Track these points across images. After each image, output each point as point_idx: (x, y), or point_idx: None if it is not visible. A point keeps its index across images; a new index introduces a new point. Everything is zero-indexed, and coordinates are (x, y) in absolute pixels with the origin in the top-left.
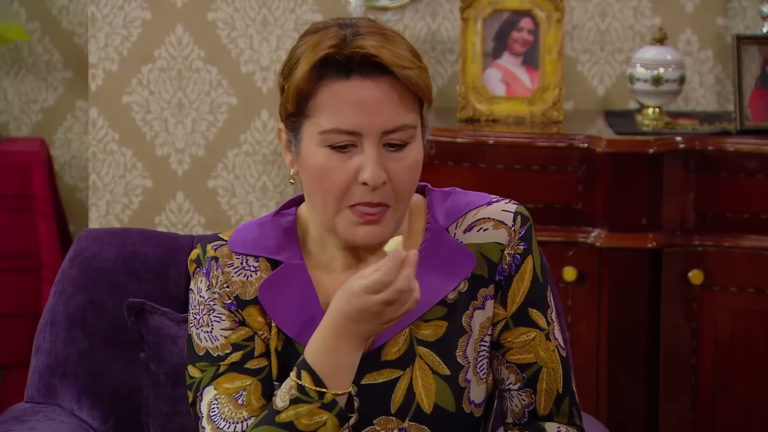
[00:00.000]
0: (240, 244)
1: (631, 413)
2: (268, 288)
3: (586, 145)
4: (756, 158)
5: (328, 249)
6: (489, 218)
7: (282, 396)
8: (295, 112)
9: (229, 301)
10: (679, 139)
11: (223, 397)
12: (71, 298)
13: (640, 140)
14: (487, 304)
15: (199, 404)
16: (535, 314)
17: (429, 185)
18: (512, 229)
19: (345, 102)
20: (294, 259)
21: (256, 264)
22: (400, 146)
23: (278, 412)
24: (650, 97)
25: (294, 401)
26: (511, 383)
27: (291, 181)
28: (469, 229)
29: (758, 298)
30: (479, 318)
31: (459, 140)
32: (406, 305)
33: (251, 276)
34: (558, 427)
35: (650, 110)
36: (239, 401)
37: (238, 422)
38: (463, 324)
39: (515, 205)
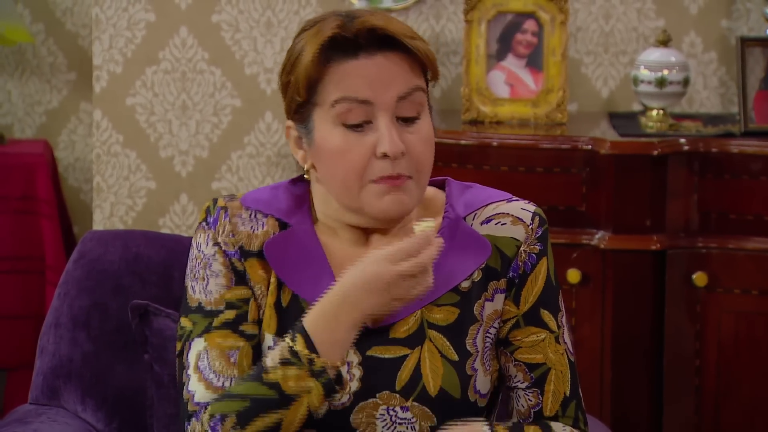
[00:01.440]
0: (252, 200)
1: (635, 415)
2: (274, 245)
3: (590, 147)
4: (760, 160)
5: (339, 236)
6: (508, 214)
7: (273, 356)
8: (304, 101)
9: (233, 250)
10: (683, 141)
11: (214, 350)
12: (75, 299)
13: (644, 142)
14: (496, 297)
15: (187, 354)
16: (546, 315)
17: (449, 178)
18: (530, 227)
19: (355, 78)
20: (304, 223)
21: (264, 219)
22: (412, 120)
23: (266, 371)
24: (654, 99)
25: (284, 362)
26: (518, 381)
27: (305, 176)
28: (487, 221)
29: (762, 301)
30: (488, 309)
31: (463, 142)
32: (418, 287)
33: (258, 229)
34: (564, 427)
35: (654, 112)
36: (231, 359)
37: (227, 378)
38: (475, 313)
39: (534, 206)
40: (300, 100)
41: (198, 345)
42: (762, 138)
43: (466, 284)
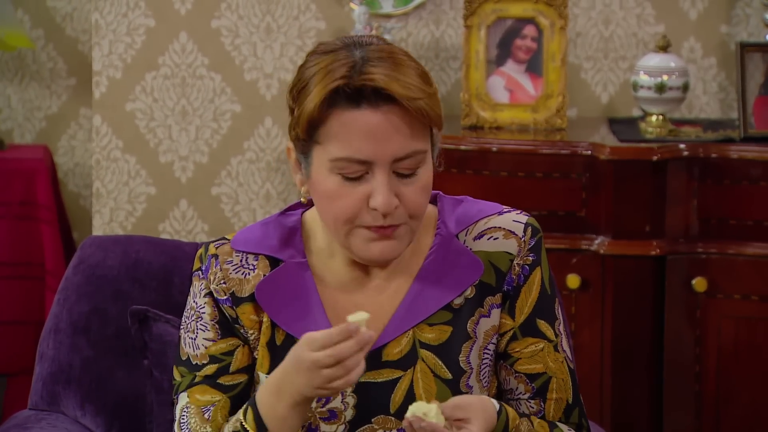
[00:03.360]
0: (242, 242)
1: (636, 421)
2: (265, 286)
3: (589, 152)
4: (759, 165)
5: (335, 260)
6: (500, 227)
7: (229, 425)
8: (305, 138)
9: (224, 297)
10: (682, 146)
11: (192, 407)
12: (75, 305)
13: (643, 147)
14: (493, 312)
15: (175, 406)
16: (543, 325)
17: (441, 193)
18: (522, 239)
19: (355, 131)
20: (296, 257)
21: (255, 262)
22: (410, 173)
23: None
24: (654, 104)
25: None
26: (520, 393)
27: (302, 199)
28: (479, 236)
29: (762, 306)
30: (484, 325)
31: (462, 147)
32: (337, 382)
33: (248, 274)
34: (570, 429)
35: (654, 117)
36: (206, 415)
37: None
38: (468, 330)
39: (526, 216)
40: (301, 137)
41: (183, 400)
42: (762, 143)
43: (458, 301)
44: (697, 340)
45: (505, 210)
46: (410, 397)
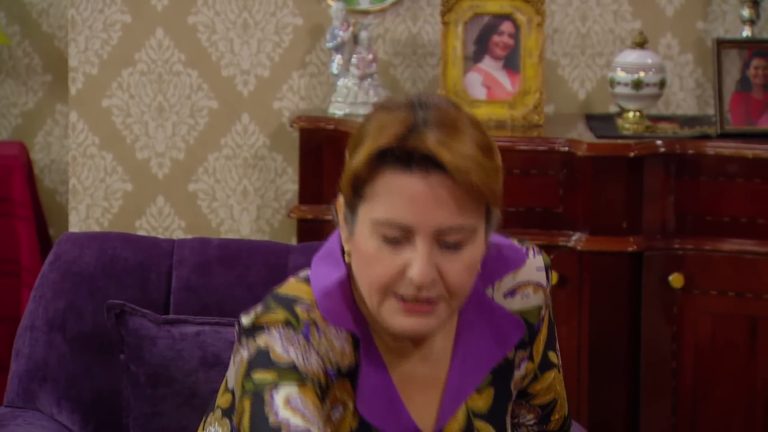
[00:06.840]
0: (333, 314)
1: (612, 417)
2: (363, 397)
3: (566, 148)
4: (736, 162)
5: (383, 333)
6: (529, 282)
7: None
8: (351, 193)
9: (332, 370)
10: (659, 142)
11: (309, 399)
12: (51, 302)
13: (620, 144)
14: (522, 365)
15: (273, 396)
16: (552, 355)
17: None
18: (547, 289)
19: (401, 195)
20: (366, 340)
21: (341, 335)
22: (455, 246)
23: None
24: (631, 100)
25: None
26: (526, 420)
27: (346, 258)
28: (511, 294)
29: (738, 302)
30: (516, 378)
31: None
32: None
33: (345, 347)
34: None
35: (631, 114)
36: (322, 414)
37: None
38: (510, 388)
39: (541, 257)
40: (347, 195)
41: (290, 389)
42: (738, 139)
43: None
44: (673, 336)
45: (524, 251)
46: None
